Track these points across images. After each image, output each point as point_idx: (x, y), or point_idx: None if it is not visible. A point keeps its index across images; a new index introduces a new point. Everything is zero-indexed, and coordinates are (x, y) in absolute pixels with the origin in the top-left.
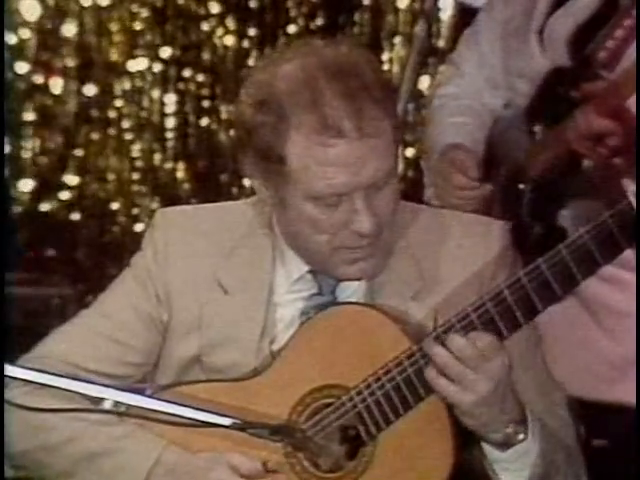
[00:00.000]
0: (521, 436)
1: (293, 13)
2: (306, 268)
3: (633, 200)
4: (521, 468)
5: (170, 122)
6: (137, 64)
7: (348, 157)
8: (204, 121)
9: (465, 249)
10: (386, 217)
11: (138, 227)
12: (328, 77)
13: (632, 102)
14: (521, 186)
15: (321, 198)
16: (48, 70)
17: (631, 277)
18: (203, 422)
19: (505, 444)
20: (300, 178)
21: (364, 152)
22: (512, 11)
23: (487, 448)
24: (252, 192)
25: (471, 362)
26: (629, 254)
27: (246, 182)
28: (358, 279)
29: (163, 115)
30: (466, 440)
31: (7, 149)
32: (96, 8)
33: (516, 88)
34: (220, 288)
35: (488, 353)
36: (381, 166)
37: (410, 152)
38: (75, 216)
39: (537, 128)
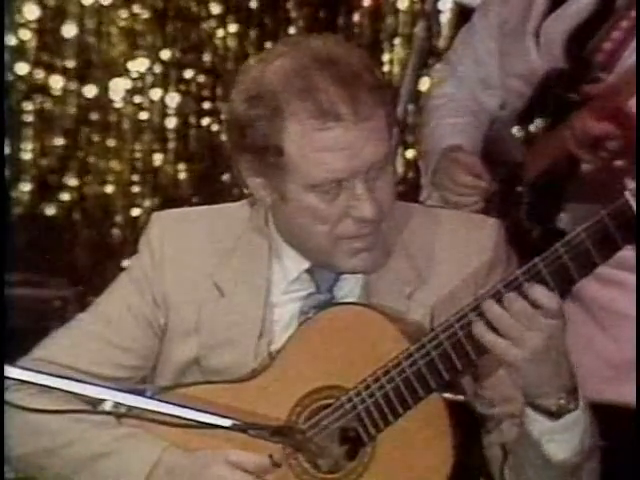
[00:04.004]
0: (572, 405)
1: (293, 14)
2: (305, 266)
3: (631, 199)
4: (568, 439)
5: (171, 123)
6: (138, 65)
7: (345, 141)
8: (205, 122)
9: (459, 247)
10: (386, 204)
11: (139, 228)
12: (319, 66)
13: (631, 104)
14: (519, 189)
15: (321, 186)
16: (48, 71)
17: (631, 278)
18: (204, 423)
19: (556, 413)
20: (299, 167)
21: (361, 135)
22: (508, 12)
23: (534, 419)
24: (252, 194)
25: (523, 318)
26: (629, 255)
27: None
28: (359, 272)
29: (164, 116)
30: (467, 439)
31: (7, 150)
32: (97, 9)
33: (512, 89)
34: (217, 290)
35: (542, 308)
36: (378, 150)
37: (410, 154)
38: (75, 217)
39: (534, 130)
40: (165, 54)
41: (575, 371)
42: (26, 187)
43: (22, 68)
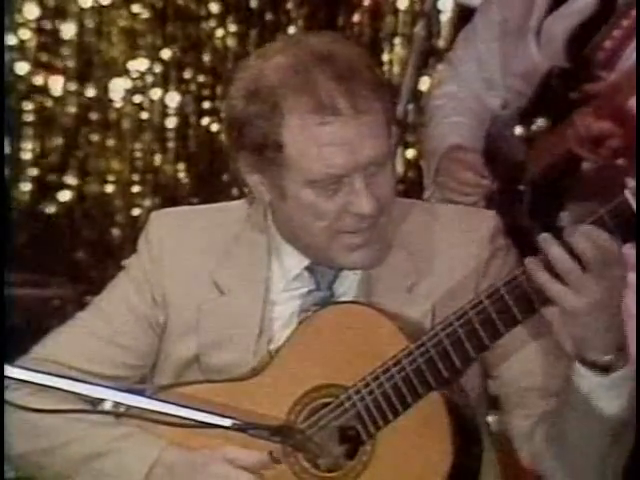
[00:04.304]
0: (621, 362)
1: (293, 14)
2: (304, 264)
3: (630, 197)
4: (617, 395)
5: (171, 123)
6: (138, 65)
7: (344, 135)
8: (205, 122)
9: (458, 240)
10: (386, 199)
11: (138, 228)
12: (317, 62)
13: (632, 103)
14: (521, 187)
15: (320, 182)
16: (48, 71)
17: (631, 277)
18: (203, 423)
19: (606, 368)
20: (298, 163)
21: (360, 130)
22: (509, 11)
23: (583, 375)
24: (251, 192)
25: (590, 264)
26: (629, 254)
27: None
28: (358, 268)
29: (164, 116)
30: (467, 438)
31: (7, 150)
32: (96, 9)
33: (514, 88)
34: (216, 288)
35: (608, 256)
36: (377, 145)
37: (410, 153)
38: (75, 217)
39: (535, 129)
40: (165, 54)
41: (625, 328)
42: (26, 187)
43: (22, 68)
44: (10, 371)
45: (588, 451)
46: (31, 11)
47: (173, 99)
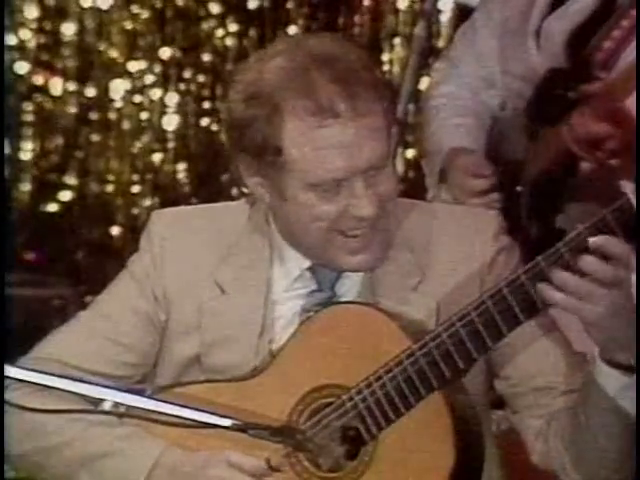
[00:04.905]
0: None
1: (293, 14)
2: (306, 265)
3: (632, 198)
4: None
5: (170, 123)
6: (137, 65)
7: (344, 138)
8: (204, 122)
9: (460, 239)
10: (387, 201)
11: (138, 228)
12: (317, 64)
13: (629, 103)
14: (519, 188)
15: (320, 185)
16: (48, 71)
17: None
18: (203, 423)
19: (631, 368)
20: (298, 166)
21: (359, 133)
22: (509, 11)
23: (609, 374)
24: (252, 193)
25: (602, 281)
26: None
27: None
28: (359, 270)
29: (163, 116)
30: (468, 439)
31: (7, 150)
32: (96, 9)
33: (513, 88)
34: (218, 288)
35: (616, 257)
36: (377, 147)
37: (410, 153)
38: (75, 217)
39: (534, 129)
40: (164, 54)
41: None
42: (26, 187)
43: (22, 68)
44: (10, 371)
45: (608, 448)
46: (31, 11)
47: (172, 99)
